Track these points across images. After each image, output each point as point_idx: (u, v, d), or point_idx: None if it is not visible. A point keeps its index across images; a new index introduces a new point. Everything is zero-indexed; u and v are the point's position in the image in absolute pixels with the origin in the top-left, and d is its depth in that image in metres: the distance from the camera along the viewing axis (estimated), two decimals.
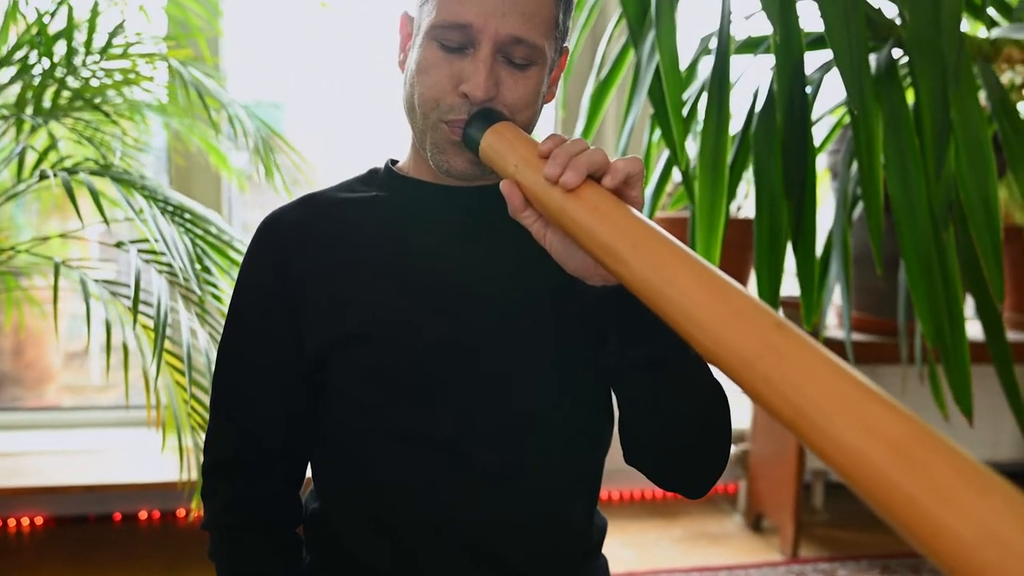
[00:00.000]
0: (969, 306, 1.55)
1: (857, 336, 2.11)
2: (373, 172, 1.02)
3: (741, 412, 2.56)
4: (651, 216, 1.67)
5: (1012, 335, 2.23)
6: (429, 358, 0.90)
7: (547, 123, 2.60)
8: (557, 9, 0.88)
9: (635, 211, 0.72)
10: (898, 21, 1.54)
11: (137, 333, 1.31)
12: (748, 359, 0.58)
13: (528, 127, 0.91)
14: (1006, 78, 1.83)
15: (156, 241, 1.22)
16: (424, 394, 0.91)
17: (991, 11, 1.66)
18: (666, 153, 1.62)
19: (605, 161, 0.75)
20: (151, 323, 1.27)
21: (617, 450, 0.94)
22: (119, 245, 1.35)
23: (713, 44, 1.63)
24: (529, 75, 0.88)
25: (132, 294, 1.16)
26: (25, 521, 2.26)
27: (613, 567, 2.03)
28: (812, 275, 1.46)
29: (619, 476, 2.54)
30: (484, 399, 0.91)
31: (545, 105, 0.95)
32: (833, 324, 2.23)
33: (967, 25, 1.73)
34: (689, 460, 0.92)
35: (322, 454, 0.98)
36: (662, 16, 1.35)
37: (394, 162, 1.02)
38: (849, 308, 1.58)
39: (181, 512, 2.33)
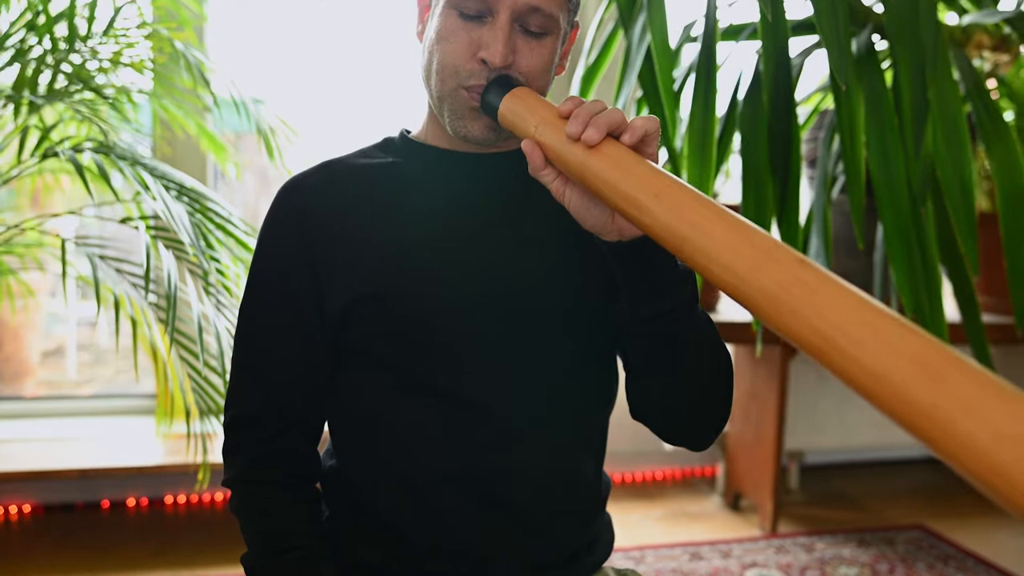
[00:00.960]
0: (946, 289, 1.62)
1: None
2: (388, 140, 1.06)
3: None
4: None
5: (985, 317, 2.31)
6: (447, 316, 0.94)
7: None
8: None
9: (654, 164, 0.77)
10: (877, 8, 1.61)
11: (144, 309, 1.33)
12: (775, 293, 0.63)
13: (542, 95, 0.95)
14: (977, 64, 1.91)
15: (165, 217, 1.24)
16: (441, 351, 0.94)
17: None
18: None
19: (623, 120, 0.80)
20: (156, 299, 1.29)
21: None
22: (125, 221, 1.37)
23: (696, 31, 1.69)
24: (544, 44, 0.92)
25: (143, 271, 1.19)
26: (13, 509, 2.25)
27: None
28: (798, 249, 1.51)
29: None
30: (501, 355, 0.95)
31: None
32: None
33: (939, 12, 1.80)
34: (693, 414, 0.97)
35: (341, 411, 1.01)
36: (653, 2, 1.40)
37: (407, 132, 1.06)
38: None
39: (169, 499, 2.34)
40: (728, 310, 2.26)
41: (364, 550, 1.00)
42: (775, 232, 1.51)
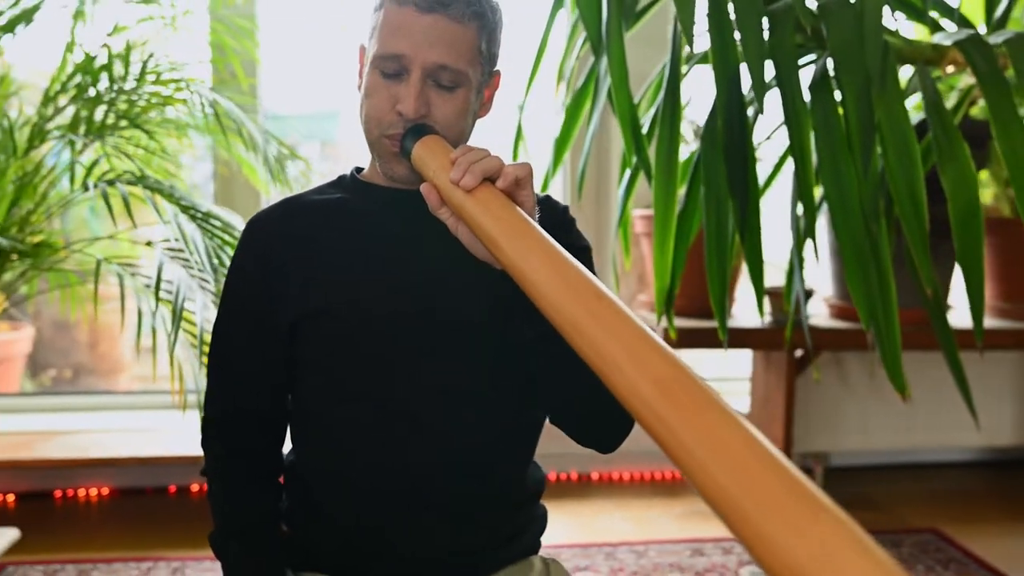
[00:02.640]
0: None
1: (838, 323, 2.24)
2: (341, 178, 1.23)
3: (740, 401, 2.71)
4: (623, 211, 1.84)
5: (997, 323, 2.33)
6: (376, 331, 1.10)
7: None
8: (479, 39, 1.07)
9: (519, 210, 0.91)
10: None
11: (164, 316, 1.54)
12: (573, 319, 0.77)
13: (460, 139, 1.09)
14: (964, 82, 1.95)
15: (176, 240, 1.45)
16: (372, 362, 1.10)
17: (934, 14, 1.78)
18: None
19: (499, 166, 0.94)
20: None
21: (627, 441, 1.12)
22: (148, 244, 1.59)
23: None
24: (456, 95, 1.07)
25: (155, 283, 1.40)
26: (94, 491, 2.54)
27: (610, 537, 2.21)
28: (760, 268, 1.61)
29: (630, 458, 2.71)
30: (421, 364, 1.10)
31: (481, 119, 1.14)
32: (824, 313, 2.36)
33: (913, 30, 1.85)
34: (594, 423, 1.10)
35: (295, 415, 1.19)
36: (612, 42, 1.52)
37: (359, 170, 1.22)
38: (805, 297, 1.73)
39: None
40: (742, 317, 2.34)
41: (313, 535, 1.17)
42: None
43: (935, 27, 1.80)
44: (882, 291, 1.54)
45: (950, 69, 1.87)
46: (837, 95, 1.53)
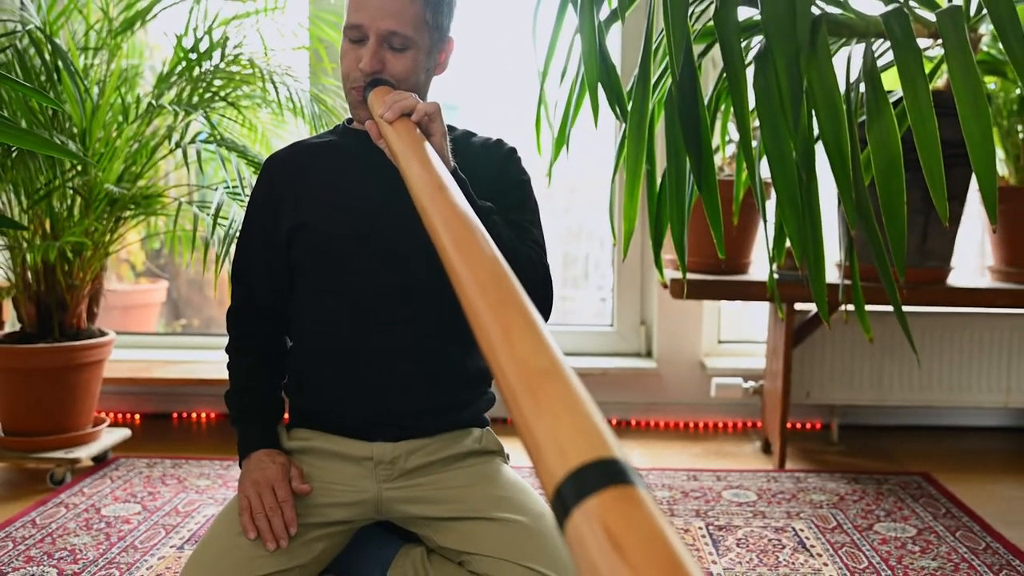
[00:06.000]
0: (973, 258, 1.88)
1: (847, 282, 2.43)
2: (337, 126, 1.60)
3: (757, 360, 2.92)
4: (615, 170, 2.12)
5: (1002, 285, 2.46)
6: (344, 241, 1.46)
7: None
8: (424, 11, 1.41)
9: (417, 132, 1.25)
10: None
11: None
12: (423, 203, 1.08)
13: (414, 90, 1.44)
14: (938, 52, 2.11)
15: (233, 183, 1.85)
16: (341, 266, 1.47)
17: None
18: None
19: (414, 105, 1.29)
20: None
21: (660, 393, 1.42)
22: (210, 186, 2.02)
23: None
24: (406, 55, 1.42)
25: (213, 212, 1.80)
26: (203, 415, 3.04)
27: None
28: (717, 215, 1.87)
29: (661, 408, 2.97)
30: (380, 270, 1.45)
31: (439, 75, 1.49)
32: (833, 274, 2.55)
33: (867, 5, 2.04)
34: None
35: (291, 311, 1.56)
36: (584, 19, 1.82)
37: (350, 120, 1.59)
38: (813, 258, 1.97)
39: None
40: (757, 274, 2.57)
41: (304, 401, 1.55)
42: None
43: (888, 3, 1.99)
44: (813, 231, 1.77)
45: (926, 43, 2.06)
46: None
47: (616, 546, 0.52)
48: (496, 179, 1.49)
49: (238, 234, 1.62)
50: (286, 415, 1.57)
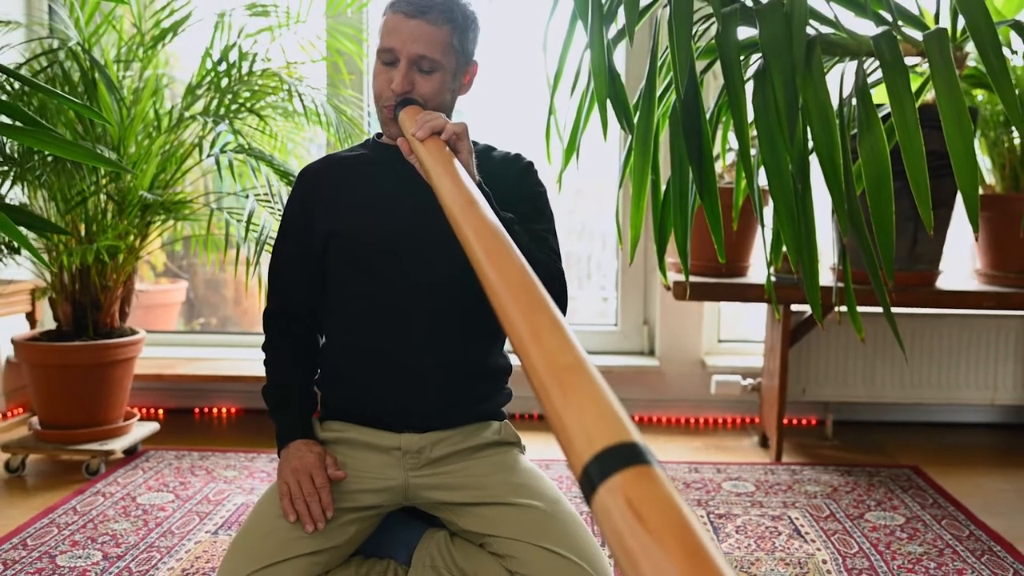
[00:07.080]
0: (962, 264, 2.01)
1: (841, 285, 2.56)
2: (367, 140, 1.72)
3: (755, 359, 3.05)
4: (621, 179, 2.25)
5: (988, 288, 2.59)
6: (373, 248, 1.58)
7: None
8: (452, 37, 1.54)
9: (447, 151, 1.37)
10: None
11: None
12: (455, 215, 1.21)
13: (440, 109, 1.56)
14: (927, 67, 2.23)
15: (264, 191, 1.98)
16: (371, 271, 1.59)
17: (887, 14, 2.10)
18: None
19: (443, 124, 1.41)
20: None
21: (662, 390, 1.54)
22: (244, 193, 2.14)
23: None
24: (434, 77, 1.54)
25: (246, 219, 1.93)
26: (225, 410, 3.16)
27: None
28: (719, 222, 1.99)
29: (664, 405, 3.10)
30: (409, 274, 1.57)
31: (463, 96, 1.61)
32: (828, 277, 2.68)
33: (861, 25, 2.17)
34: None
35: (325, 312, 1.68)
36: (593, 38, 1.94)
37: (379, 135, 1.71)
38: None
39: None
40: (755, 277, 2.70)
41: (336, 394, 1.67)
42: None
43: (879, 21, 2.11)
44: (808, 237, 1.89)
45: (914, 60, 2.18)
46: None
47: (637, 515, 0.60)
48: (515, 191, 1.62)
49: (272, 240, 1.74)
50: (318, 408, 1.69)
